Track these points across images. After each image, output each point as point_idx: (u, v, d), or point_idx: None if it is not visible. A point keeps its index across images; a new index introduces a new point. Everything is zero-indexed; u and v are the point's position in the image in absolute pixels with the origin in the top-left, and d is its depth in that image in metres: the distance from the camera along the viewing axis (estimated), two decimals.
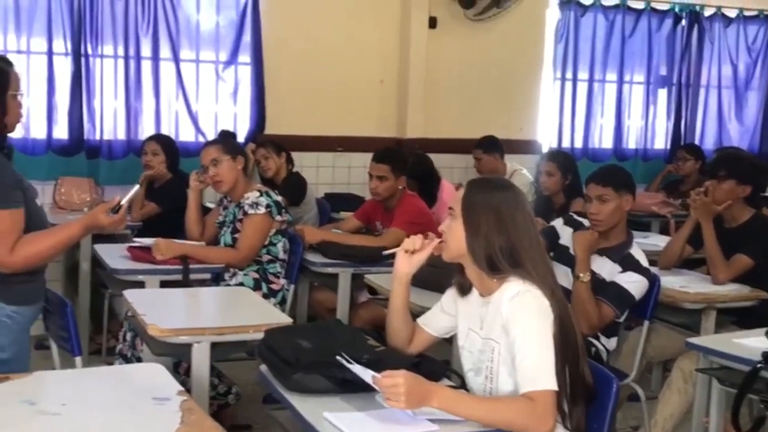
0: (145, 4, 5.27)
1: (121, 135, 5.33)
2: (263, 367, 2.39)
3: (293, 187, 5.19)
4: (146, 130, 5.34)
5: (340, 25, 5.84)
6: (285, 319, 2.97)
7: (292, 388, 2.23)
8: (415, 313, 2.60)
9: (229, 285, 3.84)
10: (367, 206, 4.64)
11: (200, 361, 2.81)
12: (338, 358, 2.20)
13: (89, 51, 5.18)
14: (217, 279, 3.91)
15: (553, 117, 6.61)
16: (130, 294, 3.19)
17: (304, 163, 5.65)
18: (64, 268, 5.21)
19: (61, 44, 5.12)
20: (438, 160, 5.52)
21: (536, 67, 6.47)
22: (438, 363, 2.46)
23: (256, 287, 3.87)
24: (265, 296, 3.87)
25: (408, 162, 4.54)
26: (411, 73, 5.98)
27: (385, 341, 2.51)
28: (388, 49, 6.02)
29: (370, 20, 5.94)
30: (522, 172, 5.84)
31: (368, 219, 4.60)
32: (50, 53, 5.11)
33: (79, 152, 5.21)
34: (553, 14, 6.50)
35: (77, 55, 5.14)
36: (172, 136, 5.34)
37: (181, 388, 2.24)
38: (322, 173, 5.90)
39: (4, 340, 2.64)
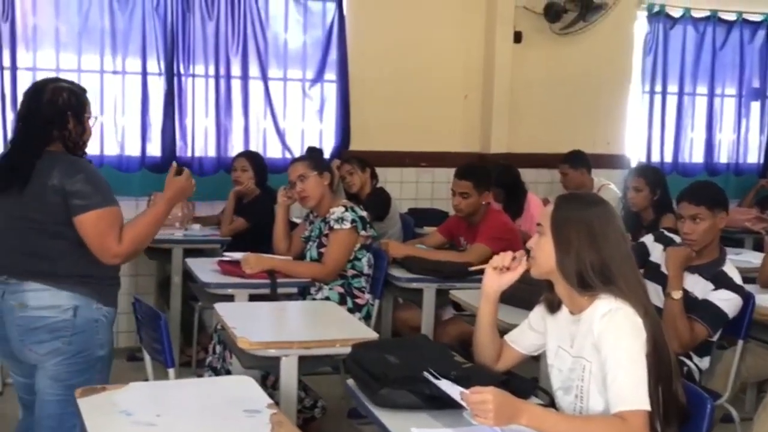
0: (235, 24, 5.39)
1: (212, 152, 5.45)
2: (350, 382, 2.40)
3: (377, 203, 5.22)
4: (235, 147, 5.45)
5: (424, 41, 5.87)
6: (371, 334, 2.98)
7: (380, 403, 2.24)
8: (503, 329, 2.58)
9: (314, 299, 3.88)
10: (451, 221, 4.63)
11: (288, 374, 2.84)
12: (425, 373, 2.19)
13: (181, 71, 5.32)
14: (303, 293, 3.96)
15: (641, 131, 6.49)
16: (220, 307, 3.26)
17: (389, 178, 5.68)
18: (156, 281, 5.37)
19: (154, 64, 5.28)
20: (523, 175, 5.48)
21: (624, 80, 6.37)
22: (526, 381, 2.43)
23: (342, 302, 3.90)
24: (350, 311, 3.90)
25: (491, 177, 4.51)
26: (496, 87, 5.96)
27: (472, 358, 2.49)
28: (472, 64, 6.01)
29: (455, 35, 5.95)
30: (609, 187, 5.75)
31: (452, 234, 4.59)
32: (144, 73, 5.28)
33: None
34: (641, 27, 6.39)
35: (170, 75, 5.29)
36: (261, 152, 5.44)
37: (271, 401, 2.27)
38: (405, 188, 5.91)
39: (103, 338, 2.85)
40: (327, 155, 5.66)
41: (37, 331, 2.74)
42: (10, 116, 4.96)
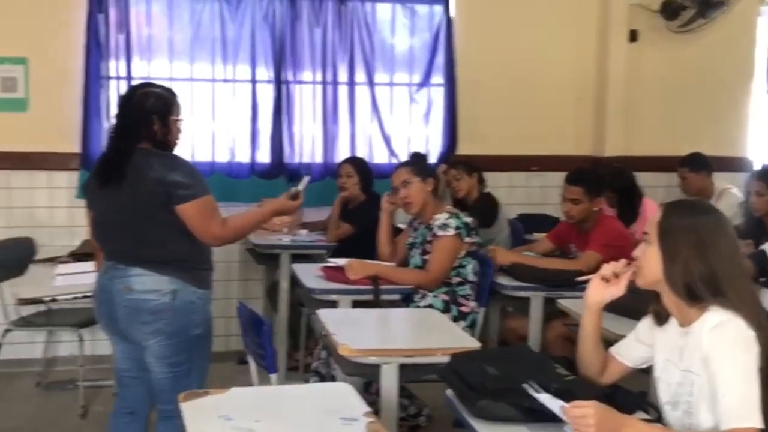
0: (342, 31, 5.47)
1: (319, 158, 5.54)
2: (449, 392, 2.39)
3: (485, 208, 5.19)
4: (342, 152, 5.52)
5: (534, 42, 5.80)
6: (473, 343, 2.95)
7: (478, 415, 2.22)
8: (610, 340, 2.52)
9: (418, 306, 3.88)
10: (561, 228, 4.55)
11: (389, 382, 2.85)
12: (525, 386, 2.16)
13: (289, 78, 5.44)
14: (406, 300, 3.96)
15: (764, 132, 6.22)
16: (323, 313, 3.30)
17: (497, 183, 5.63)
18: (265, 286, 5.49)
19: (263, 72, 5.41)
20: (640, 178, 5.31)
21: (746, 79, 6.12)
22: (633, 395, 2.36)
23: (446, 309, 3.89)
24: (455, 319, 3.88)
25: (603, 182, 4.41)
26: (610, 88, 5.84)
27: (576, 370, 2.44)
28: (585, 65, 5.90)
29: (567, 36, 5.85)
30: (731, 191, 5.53)
31: (562, 241, 4.51)
32: (254, 81, 5.41)
33: (279, 175, 5.46)
34: (765, 22, 6.12)
35: (278, 82, 5.41)
36: (367, 158, 5.49)
37: (369, 409, 2.29)
38: (515, 193, 5.85)
39: (198, 318, 3.09)
40: (433, 160, 5.67)
41: (141, 313, 3.01)
42: None
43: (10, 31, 5.08)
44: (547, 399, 2.10)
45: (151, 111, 3.04)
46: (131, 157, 2.99)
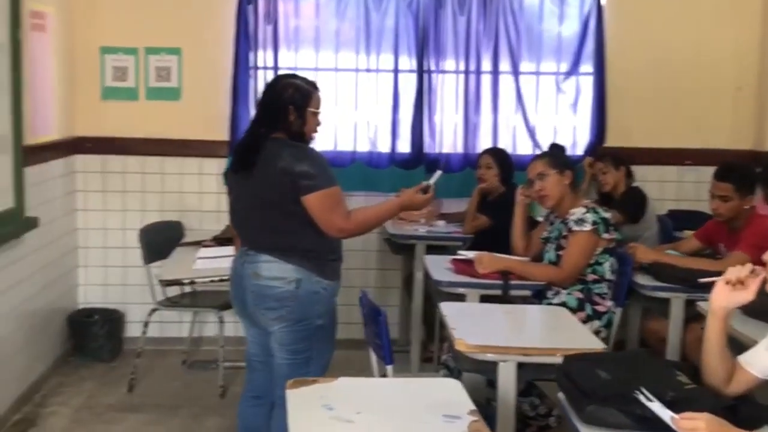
0: (487, 19, 5.39)
1: (459, 149, 5.50)
2: (561, 395, 2.32)
3: (631, 203, 5.00)
4: (483, 143, 5.46)
5: (690, 29, 5.52)
6: (597, 345, 2.85)
7: (586, 420, 2.14)
8: (745, 345, 2.36)
9: (551, 303, 3.78)
10: (709, 226, 4.31)
11: (506, 380, 2.80)
12: (636, 393, 2.07)
13: (432, 67, 5.42)
14: (539, 296, 3.88)
15: None
16: (445, 306, 3.29)
17: (647, 177, 5.41)
18: (402, 276, 5.52)
19: (406, 61, 5.42)
20: None
21: None
22: (760, 408, 2.22)
23: (580, 308, 3.78)
24: (589, 318, 3.77)
25: (757, 178, 4.14)
26: None
27: (700, 379, 2.31)
28: (746, 53, 5.55)
29: (726, 22, 5.53)
30: None
31: (710, 240, 4.28)
32: (396, 70, 5.43)
33: (419, 165, 5.46)
34: None
35: (421, 72, 5.41)
36: (510, 149, 5.41)
37: (474, 408, 2.25)
38: (666, 188, 5.60)
39: (321, 309, 3.13)
40: (580, 152, 5.52)
41: (266, 299, 3.10)
42: None
43: (166, 22, 5.33)
44: (657, 408, 2.00)
45: (288, 102, 3.10)
46: (264, 146, 3.06)
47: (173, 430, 4.21)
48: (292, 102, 3.10)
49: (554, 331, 3.08)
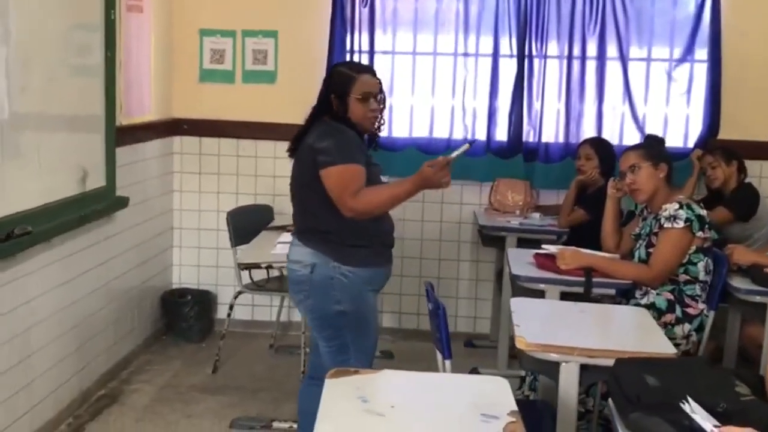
0: (593, 1, 5.26)
1: (560, 138, 5.39)
2: (610, 401, 2.26)
3: (742, 200, 4.81)
4: (586, 133, 5.33)
5: None
6: (668, 350, 2.75)
7: (630, 428, 2.08)
8: None
9: (639, 304, 3.67)
10: None
11: (568, 382, 2.74)
12: (682, 403, 1.99)
13: (533, 52, 5.33)
14: (626, 296, 3.77)
15: None
16: (515, 302, 3.25)
17: (763, 173, 5.16)
18: (496, 268, 5.47)
19: (506, 45, 5.35)
20: None
21: None
22: None
23: (669, 309, 3.65)
24: (678, 320, 3.64)
25: None
26: None
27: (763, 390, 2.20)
28: None
29: None
30: None
31: None
32: (496, 55, 5.36)
33: (516, 154, 5.39)
34: None
35: (521, 56, 5.32)
36: (615, 139, 5.27)
37: (515, 409, 2.22)
38: None
39: (339, 295, 3.14)
40: (691, 144, 5.32)
41: (291, 282, 3.26)
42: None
43: (263, 5, 5.45)
44: (700, 418, 1.92)
45: (329, 89, 3.21)
46: (310, 129, 3.17)
47: (250, 413, 4.32)
48: (332, 89, 3.19)
49: (625, 333, 3.00)
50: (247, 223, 5.01)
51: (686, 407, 1.97)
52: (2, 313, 3.51)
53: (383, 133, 3.47)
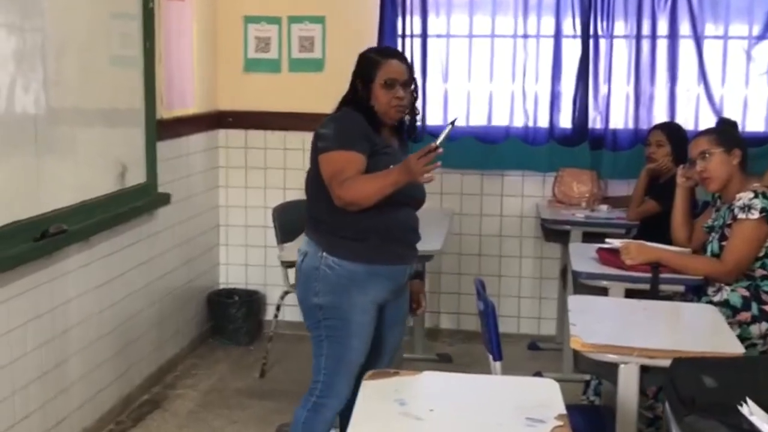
0: None
1: (630, 123, 5.34)
2: (666, 404, 2.24)
3: None
4: (657, 117, 5.26)
5: None
6: (736, 349, 2.71)
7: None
8: None
9: (711, 301, 3.61)
10: None
11: (627, 384, 2.73)
12: (740, 404, 1.97)
13: (599, 31, 5.28)
14: (698, 293, 3.72)
15: None
16: (573, 300, 3.23)
17: None
18: (560, 266, 5.44)
19: (569, 25, 5.31)
20: None
21: None
22: None
23: (744, 307, 3.59)
24: (755, 319, 3.57)
25: None
26: None
27: None
28: None
29: None
30: None
31: None
32: (558, 35, 5.33)
33: (582, 142, 5.35)
34: None
35: (586, 37, 5.28)
36: (689, 124, 5.19)
37: (563, 412, 2.22)
38: None
39: (320, 286, 3.14)
40: None
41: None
42: (419, 82, 5.36)
43: None
44: (759, 421, 1.90)
45: (355, 75, 3.25)
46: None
47: None
48: (358, 75, 3.23)
49: (690, 332, 2.96)
50: (294, 219, 5.03)
51: (744, 409, 1.95)
52: (39, 314, 3.62)
53: (420, 121, 3.48)
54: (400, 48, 5.40)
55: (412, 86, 3.24)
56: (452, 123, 2.93)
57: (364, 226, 3.10)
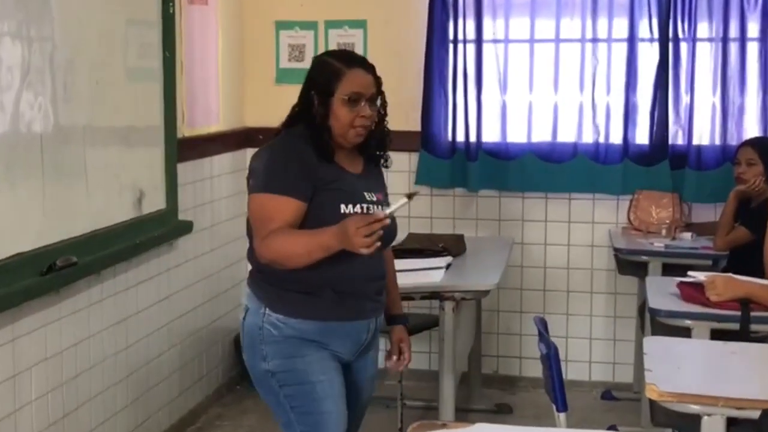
0: None
1: (716, 139, 5.32)
2: None
3: None
4: (749, 132, 5.25)
5: None
6: None
7: None
8: None
9: None
10: None
11: None
12: None
13: (680, 34, 5.28)
14: None
15: None
16: (649, 342, 3.21)
17: None
18: (638, 303, 5.41)
19: (646, 27, 5.31)
20: None
21: None
22: None
23: None
24: None
25: None
26: None
27: None
28: None
29: None
30: None
31: None
32: (633, 39, 5.35)
33: (661, 161, 5.34)
34: None
35: (664, 40, 5.28)
36: None
37: None
38: None
39: (267, 349, 2.96)
40: None
41: None
42: (473, 93, 5.45)
43: None
44: None
45: (311, 84, 3.00)
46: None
47: None
48: (313, 85, 2.97)
49: None
50: None
51: None
52: (46, 357, 3.68)
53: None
54: (451, 55, 5.46)
55: (379, 101, 3.03)
56: (409, 196, 2.71)
57: (316, 277, 2.89)
